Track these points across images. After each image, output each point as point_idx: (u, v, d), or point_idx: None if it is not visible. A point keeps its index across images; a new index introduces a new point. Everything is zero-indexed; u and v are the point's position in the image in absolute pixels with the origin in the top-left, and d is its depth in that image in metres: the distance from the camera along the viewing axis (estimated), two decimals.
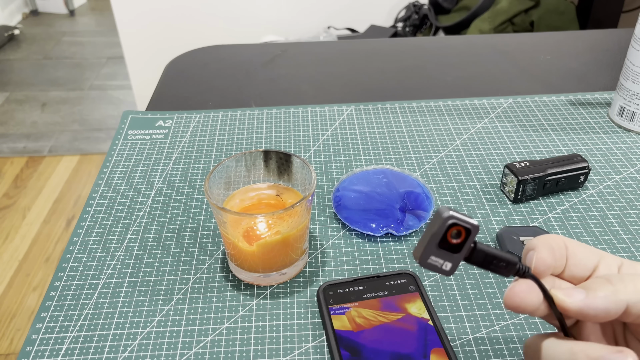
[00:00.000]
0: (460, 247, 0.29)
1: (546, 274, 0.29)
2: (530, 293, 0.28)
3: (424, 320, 0.39)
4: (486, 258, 0.29)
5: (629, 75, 0.59)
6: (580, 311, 0.27)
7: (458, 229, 0.28)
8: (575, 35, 0.88)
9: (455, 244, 0.28)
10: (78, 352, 0.39)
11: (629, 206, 0.51)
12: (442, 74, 0.76)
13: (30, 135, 2.12)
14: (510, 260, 0.29)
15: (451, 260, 0.29)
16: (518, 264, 0.29)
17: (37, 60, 2.67)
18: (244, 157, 0.45)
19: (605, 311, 0.27)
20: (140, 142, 0.62)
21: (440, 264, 0.29)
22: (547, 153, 0.58)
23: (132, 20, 1.81)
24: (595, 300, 0.27)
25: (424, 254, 0.29)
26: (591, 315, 0.27)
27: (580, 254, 0.30)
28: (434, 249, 0.28)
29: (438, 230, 0.28)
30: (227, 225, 0.41)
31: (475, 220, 0.28)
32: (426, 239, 0.29)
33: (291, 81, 0.75)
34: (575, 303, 0.27)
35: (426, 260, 0.29)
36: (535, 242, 0.30)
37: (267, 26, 1.85)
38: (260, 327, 0.41)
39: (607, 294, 0.27)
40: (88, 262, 0.46)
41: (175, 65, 0.80)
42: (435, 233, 0.28)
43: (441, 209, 0.28)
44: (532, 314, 0.29)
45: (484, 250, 0.29)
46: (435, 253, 0.29)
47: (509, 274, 0.29)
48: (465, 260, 0.29)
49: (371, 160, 0.58)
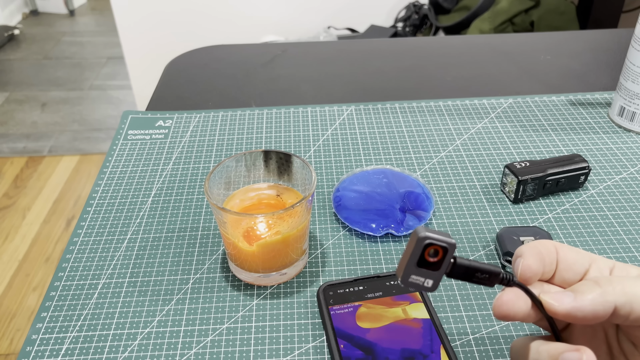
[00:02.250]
0: (439, 264, 0.29)
1: (533, 280, 0.30)
2: (517, 301, 0.29)
3: (424, 320, 0.39)
4: (467, 272, 0.30)
5: (629, 75, 0.59)
6: (569, 314, 0.28)
7: (435, 248, 0.29)
8: (575, 35, 0.88)
9: (434, 262, 0.29)
10: (78, 352, 0.39)
11: (629, 206, 0.51)
12: (442, 74, 0.76)
13: (30, 135, 2.12)
14: (492, 271, 0.30)
15: (432, 278, 0.30)
16: (502, 273, 0.30)
17: (37, 60, 2.67)
18: (244, 157, 0.45)
19: (593, 313, 0.27)
20: (140, 142, 0.62)
21: (421, 282, 0.30)
22: (547, 153, 0.58)
23: (132, 20, 1.81)
24: (583, 303, 0.27)
25: (405, 273, 0.30)
26: (579, 318, 0.28)
27: (571, 259, 0.30)
28: (414, 268, 0.29)
29: (415, 251, 0.29)
30: (227, 226, 0.41)
31: (451, 238, 0.29)
32: (406, 259, 0.30)
33: (291, 81, 0.75)
34: (563, 307, 0.28)
35: (407, 279, 0.30)
36: (523, 249, 0.30)
37: (267, 26, 1.85)
38: (261, 327, 0.41)
39: (595, 296, 0.27)
40: (88, 262, 0.46)
41: (175, 65, 0.80)
42: (413, 253, 0.29)
43: (417, 230, 0.29)
44: (523, 320, 0.29)
45: (464, 265, 0.30)
46: (415, 272, 0.30)
47: (493, 284, 0.30)
48: (447, 275, 0.30)
49: (371, 160, 0.58)
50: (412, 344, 0.38)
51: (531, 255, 0.30)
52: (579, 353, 0.27)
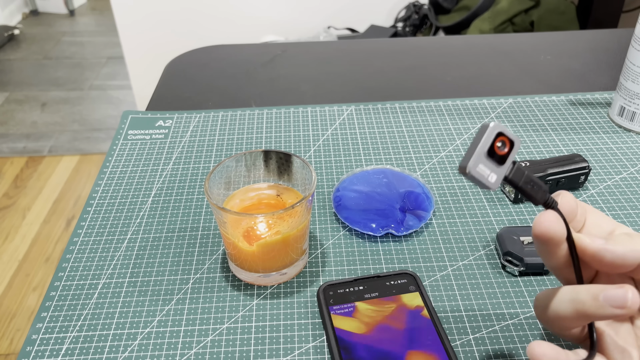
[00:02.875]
0: (504, 159, 0.30)
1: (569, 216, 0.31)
2: (558, 223, 0.29)
3: (425, 320, 0.39)
4: (525, 179, 0.30)
5: (629, 75, 0.59)
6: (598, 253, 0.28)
7: (503, 140, 0.29)
8: (575, 35, 0.88)
9: (501, 155, 0.29)
10: (78, 352, 0.39)
11: (629, 206, 0.51)
12: (442, 74, 0.76)
13: (30, 135, 2.12)
14: (543, 187, 0.30)
15: (496, 173, 0.30)
16: (548, 192, 0.30)
17: (37, 60, 2.67)
18: (244, 157, 0.45)
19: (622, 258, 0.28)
20: (140, 142, 0.62)
21: (487, 175, 0.29)
22: (547, 153, 0.58)
23: (132, 20, 1.81)
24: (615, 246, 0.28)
25: (474, 161, 0.29)
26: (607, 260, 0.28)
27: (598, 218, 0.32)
28: (483, 157, 0.29)
29: (486, 139, 0.29)
30: (227, 225, 0.41)
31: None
32: (473, 149, 0.29)
33: (291, 81, 0.75)
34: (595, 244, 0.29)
35: (475, 168, 0.29)
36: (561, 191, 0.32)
37: (267, 26, 1.85)
38: (261, 327, 0.41)
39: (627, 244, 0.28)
40: (88, 262, 0.46)
41: (175, 65, 0.80)
42: (484, 142, 0.29)
43: (485, 123, 0.30)
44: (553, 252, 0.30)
45: (522, 170, 0.30)
46: (484, 162, 0.29)
47: (539, 202, 0.31)
48: (506, 179, 0.30)
49: (371, 160, 0.58)
50: (412, 343, 0.38)
51: (568, 194, 0.31)
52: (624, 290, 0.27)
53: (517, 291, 0.43)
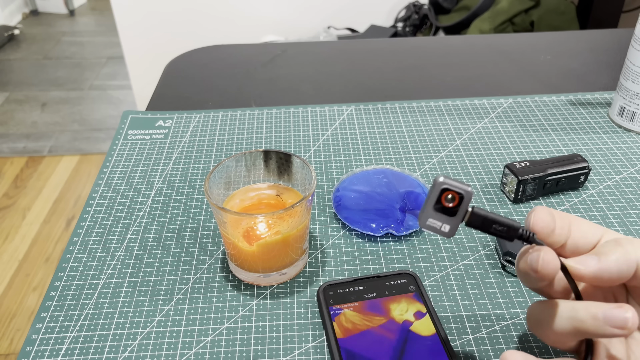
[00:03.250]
0: (455, 210, 0.31)
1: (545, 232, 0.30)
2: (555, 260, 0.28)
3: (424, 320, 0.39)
4: (485, 222, 0.31)
5: (629, 75, 0.59)
6: (595, 276, 0.28)
7: (451, 194, 0.31)
8: (575, 35, 0.88)
9: (451, 208, 0.31)
10: (78, 352, 0.39)
11: (629, 206, 0.51)
12: (442, 74, 0.76)
13: (30, 135, 2.12)
14: (511, 225, 0.31)
15: (449, 223, 0.31)
16: (521, 228, 0.31)
17: (37, 60, 2.67)
18: (244, 157, 0.45)
19: (618, 272, 0.27)
20: (140, 142, 0.62)
21: (438, 226, 0.32)
22: (547, 153, 0.58)
23: (132, 20, 1.81)
24: (608, 263, 0.27)
25: (423, 216, 0.32)
26: (606, 279, 0.28)
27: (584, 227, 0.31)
28: (431, 211, 0.31)
29: (432, 195, 0.31)
30: (227, 225, 0.41)
31: (469, 187, 0.31)
32: (425, 203, 0.32)
33: (291, 81, 0.75)
34: (590, 269, 0.28)
35: (425, 222, 0.32)
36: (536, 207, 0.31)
37: (267, 26, 1.85)
38: (260, 327, 0.41)
39: (618, 255, 0.28)
40: (88, 262, 0.46)
41: (175, 65, 0.80)
42: (430, 197, 0.31)
43: (437, 177, 0.31)
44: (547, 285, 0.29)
45: (481, 215, 0.31)
46: (433, 215, 0.31)
47: (512, 239, 0.31)
48: (465, 224, 0.31)
49: (371, 160, 0.58)
50: (412, 343, 0.38)
51: (542, 210, 0.31)
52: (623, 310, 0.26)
53: (517, 291, 0.43)
